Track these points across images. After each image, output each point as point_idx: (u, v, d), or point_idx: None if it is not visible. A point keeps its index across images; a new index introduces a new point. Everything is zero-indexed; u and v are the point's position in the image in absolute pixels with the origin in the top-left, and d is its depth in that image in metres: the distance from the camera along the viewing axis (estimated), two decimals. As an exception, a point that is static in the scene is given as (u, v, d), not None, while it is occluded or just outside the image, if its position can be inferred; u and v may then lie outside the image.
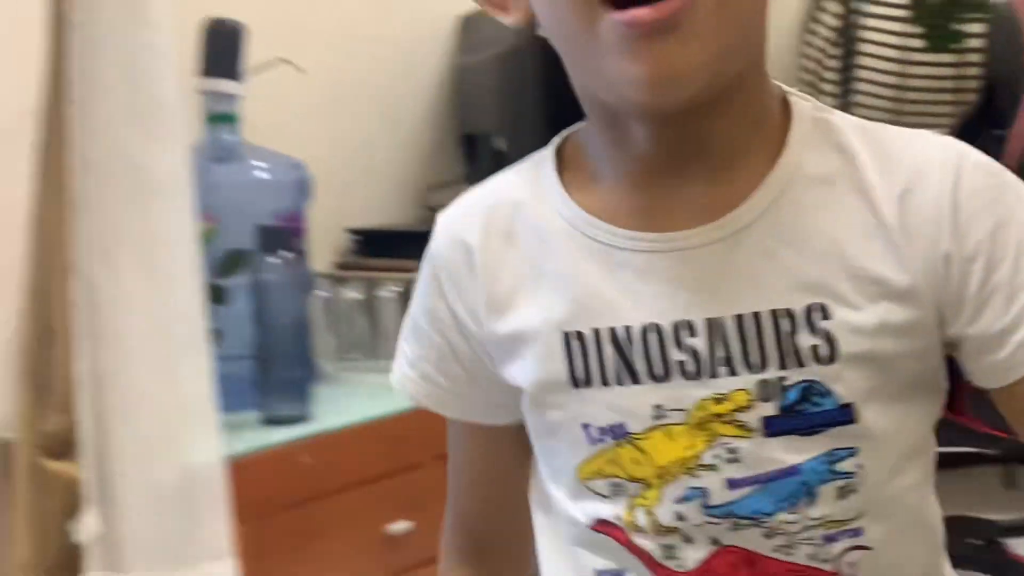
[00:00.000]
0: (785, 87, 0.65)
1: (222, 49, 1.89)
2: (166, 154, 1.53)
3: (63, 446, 1.53)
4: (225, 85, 1.89)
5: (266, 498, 1.66)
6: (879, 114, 2.67)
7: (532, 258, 0.64)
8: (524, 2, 0.62)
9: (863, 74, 2.72)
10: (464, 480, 0.77)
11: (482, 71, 2.53)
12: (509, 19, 0.66)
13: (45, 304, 1.55)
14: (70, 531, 1.51)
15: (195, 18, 1.86)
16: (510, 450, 0.72)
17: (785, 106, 0.63)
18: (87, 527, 1.48)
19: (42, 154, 1.54)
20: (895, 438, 0.64)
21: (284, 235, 1.80)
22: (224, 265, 1.75)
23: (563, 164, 0.66)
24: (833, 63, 2.77)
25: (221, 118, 1.89)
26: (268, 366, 1.77)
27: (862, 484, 0.62)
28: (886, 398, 0.62)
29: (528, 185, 0.66)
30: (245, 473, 1.59)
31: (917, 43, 3.04)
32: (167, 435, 1.51)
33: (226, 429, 1.59)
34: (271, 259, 1.74)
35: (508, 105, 2.43)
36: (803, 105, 0.63)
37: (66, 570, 1.52)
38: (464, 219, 0.68)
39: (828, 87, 2.70)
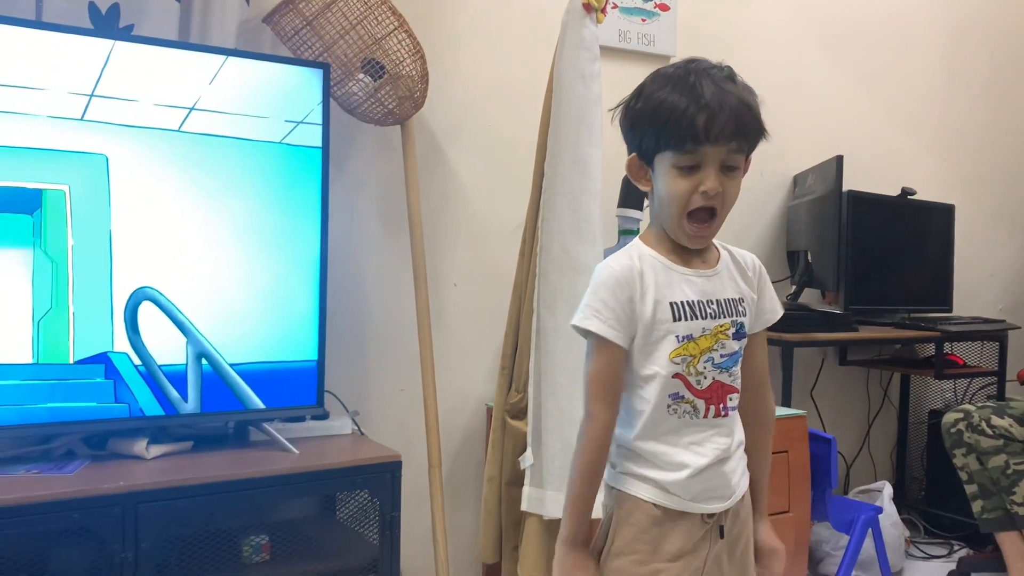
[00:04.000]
0: None
1: (632, 190, 2.46)
2: (591, 250, 2.11)
3: (519, 412, 2.22)
4: (632, 212, 2.49)
5: None
6: None
7: (653, 279, 1.29)
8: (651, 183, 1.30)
9: None
10: (612, 373, 1.28)
11: (802, 209, 3.03)
12: (644, 188, 1.32)
13: (516, 331, 2.25)
14: (518, 461, 2.14)
15: (619, 171, 2.51)
16: (625, 359, 1.31)
17: None
18: (527, 459, 2.10)
19: (524, 246, 2.24)
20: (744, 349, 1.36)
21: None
22: None
23: (647, 243, 1.33)
24: None
25: (628, 232, 2.49)
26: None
27: (741, 360, 1.34)
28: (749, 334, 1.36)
29: (638, 255, 1.30)
30: None
31: None
32: (574, 412, 1.96)
33: None
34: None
35: (816, 232, 2.89)
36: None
37: (514, 484, 2.18)
38: (628, 265, 1.28)
39: None
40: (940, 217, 3.43)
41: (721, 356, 1.30)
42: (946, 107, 3.67)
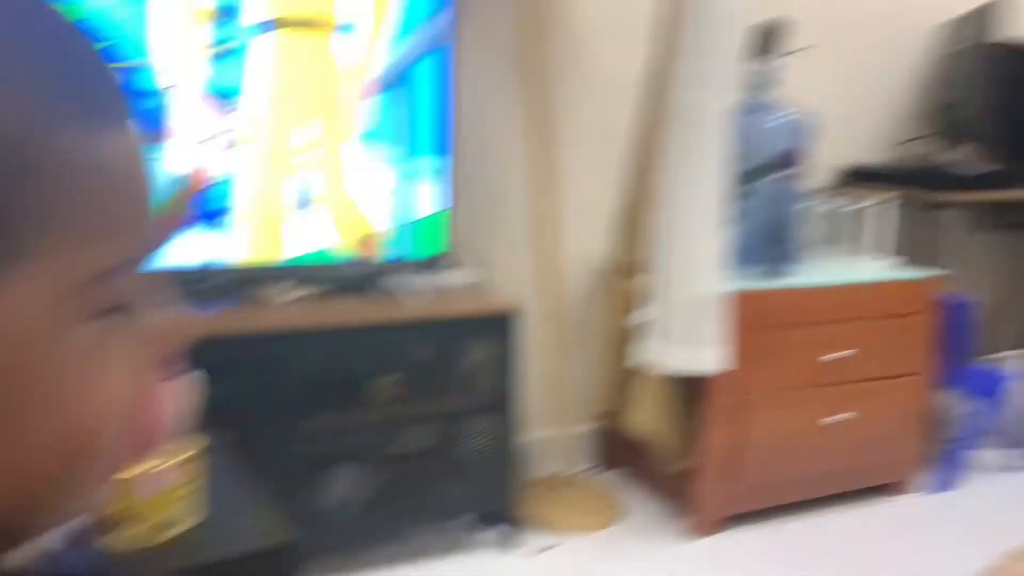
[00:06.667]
0: None
1: (767, 40, 2.32)
2: (720, 102, 2.03)
3: (638, 268, 2.20)
4: (766, 64, 2.32)
5: (754, 318, 2.14)
6: None
7: None
8: None
9: None
10: None
11: (953, 60, 2.77)
12: None
13: (639, 186, 2.24)
14: (636, 315, 2.15)
15: (750, 21, 2.28)
16: None
17: None
18: (644, 314, 2.11)
19: (649, 98, 2.20)
20: None
21: (791, 160, 2.23)
22: (750, 175, 2.22)
23: None
24: None
25: (760, 85, 2.33)
26: (770, 240, 2.25)
27: None
28: None
29: None
30: (746, 302, 2.11)
31: None
32: (695, 269, 2.05)
33: (739, 274, 2.11)
34: (781, 174, 2.21)
35: (959, 88, 2.64)
36: None
37: (631, 337, 2.19)
38: None
39: None
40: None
41: None
42: None
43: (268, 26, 1.88)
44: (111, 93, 0.33)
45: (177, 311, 0.37)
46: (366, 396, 2.02)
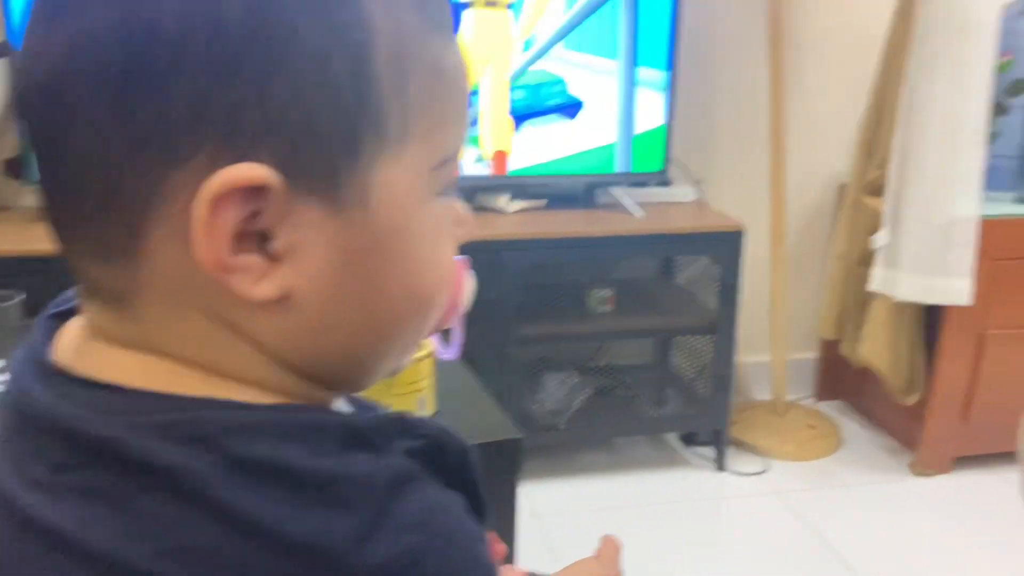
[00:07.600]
0: None
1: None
2: (983, 4, 1.82)
3: (876, 189, 2.06)
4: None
5: (999, 248, 1.97)
6: None
7: None
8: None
9: None
10: None
11: None
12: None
13: (883, 98, 2.05)
14: (869, 240, 2.03)
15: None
16: None
17: None
18: (881, 238, 1.98)
19: (902, 1, 2.01)
20: None
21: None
22: (1011, 88, 2.03)
23: None
24: None
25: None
26: (1026, 163, 2.02)
27: None
28: None
29: None
30: (992, 230, 1.94)
31: None
32: (942, 192, 1.89)
33: (987, 199, 1.92)
34: (1047, 89, 1.96)
35: None
36: None
37: (863, 263, 2.08)
38: None
39: None
40: None
41: None
42: None
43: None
44: (448, 10, 0.39)
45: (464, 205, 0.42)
46: (582, 307, 2.05)
